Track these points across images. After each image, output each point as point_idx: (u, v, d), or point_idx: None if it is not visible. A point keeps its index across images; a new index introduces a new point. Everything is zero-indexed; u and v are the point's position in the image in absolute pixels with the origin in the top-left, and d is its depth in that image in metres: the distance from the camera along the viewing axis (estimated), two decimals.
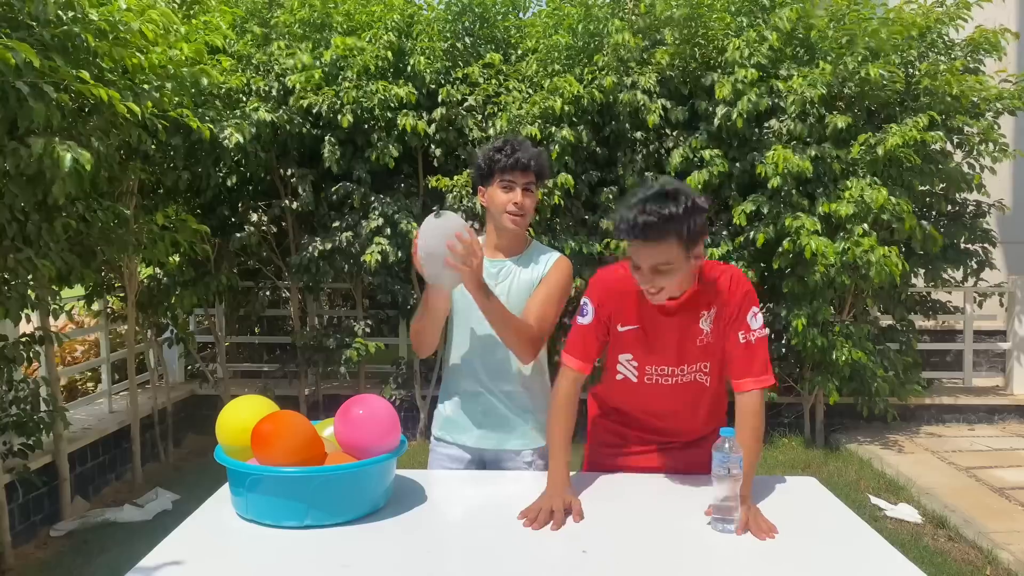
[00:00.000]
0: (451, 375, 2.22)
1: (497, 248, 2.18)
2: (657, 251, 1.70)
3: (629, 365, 1.95)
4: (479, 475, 2.12)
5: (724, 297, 1.85)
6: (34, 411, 3.71)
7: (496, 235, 2.17)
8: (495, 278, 2.14)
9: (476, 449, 2.17)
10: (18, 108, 2.78)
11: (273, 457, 1.63)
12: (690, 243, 1.72)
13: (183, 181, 4.61)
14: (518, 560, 1.53)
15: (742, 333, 1.86)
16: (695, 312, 1.86)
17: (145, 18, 3.39)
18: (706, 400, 1.99)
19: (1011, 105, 5.07)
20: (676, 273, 1.74)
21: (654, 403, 1.99)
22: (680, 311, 1.86)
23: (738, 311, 1.86)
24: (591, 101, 4.93)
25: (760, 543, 1.60)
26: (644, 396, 1.98)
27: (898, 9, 5.22)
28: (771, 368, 1.90)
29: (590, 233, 5.14)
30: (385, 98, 4.84)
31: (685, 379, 1.93)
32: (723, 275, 1.88)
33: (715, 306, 1.86)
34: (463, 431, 2.18)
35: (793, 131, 4.88)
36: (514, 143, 2.13)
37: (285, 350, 6.16)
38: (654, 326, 1.88)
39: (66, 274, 3.70)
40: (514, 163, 2.08)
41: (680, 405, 1.99)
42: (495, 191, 2.11)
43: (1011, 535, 3.65)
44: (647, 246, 1.70)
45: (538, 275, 2.16)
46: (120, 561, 3.06)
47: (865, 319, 5.31)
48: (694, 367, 1.92)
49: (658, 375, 1.93)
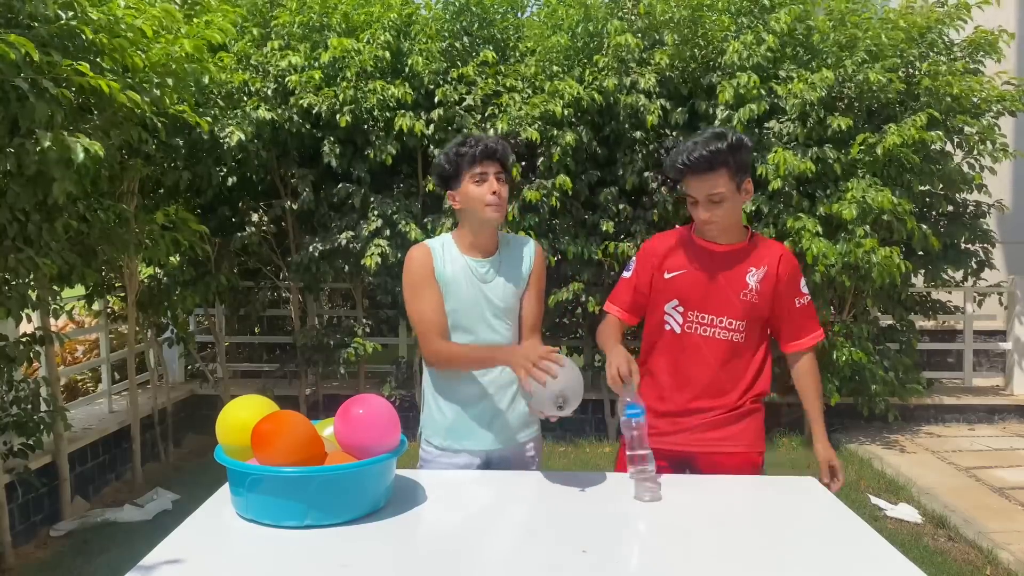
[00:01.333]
0: (446, 380, 2.16)
1: (474, 247, 2.14)
2: (710, 181, 1.94)
3: (675, 312, 2.10)
4: (479, 475, 2.12)
5: (777, 266, 2.05)
6: (34, 411, 3.71)
7: (473, 235, 2.13)
8: (479, 278, 2.12)
9: (484, 451, 2.16)
10: (19, 107, 2.78)
11: (273, 457, 1.63)
12: (739, 175, 1.97)
13: (184, 181, 4.62)
14: (518, 560, 1.53)
15: (798, 299, 2.10)
16: (743, 264, 2.05)
17: (146, 15, 3.39)
18: (741, 368, 2.08)
19: (1011, 106, 5.07)
20: (727, 203, 1.97)
21: (693, 361, 2.08)
22: (728, 257, 2.05)
23: (792, 280, 2.07)
24: (591, 102, 4.93)
25: (760, 543, 1.60)
26: (684, 351, 2.08)
27: (898, 10, 5.22)
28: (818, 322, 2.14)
29: (589, 233, 5.14)
30: (383, 98, 4.84)
31: (721, 335, 2.07)
32: (774, 245, 2.11)
33: (765, 266, 2.05)
34: (470, 435, 2.13)
35: (793, 132, 4.88)
36: (473, 136, 2.11)
37: (285, 350, 6.16)
38: (703, 268, 2.06)
39: (67, 274, 3.70)
40: (483, 151, 2.05)
41: (716, 365, 2.07)
42: (468, 187, 2.06)
43: (1011, 535, 3.65)
44: (701, 178, 1.94)
45: (526, 269, 2.18)
46: (120, 561, 3.06)
47: (865, 319, 5.31)
48: (733, 324, 2.06)
49: (698, 323, 2.07)
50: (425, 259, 2.10)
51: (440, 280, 2.10)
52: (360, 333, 5.41)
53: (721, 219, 2.00)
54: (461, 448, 2.14)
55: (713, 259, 2.05)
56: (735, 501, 1.87)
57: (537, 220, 5.00)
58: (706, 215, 1.99)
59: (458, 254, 2.13)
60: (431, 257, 2.10)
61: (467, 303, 2.10)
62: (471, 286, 2.11)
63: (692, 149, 1.95)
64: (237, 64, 4.91)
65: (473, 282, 2.11)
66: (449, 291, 2.10)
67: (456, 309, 2.11)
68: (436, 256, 2.11)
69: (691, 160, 1.94)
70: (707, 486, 2.00)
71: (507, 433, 2.16)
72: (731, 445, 2.10)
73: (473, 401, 2.13)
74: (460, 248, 2.14)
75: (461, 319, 2.11)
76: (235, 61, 4.87)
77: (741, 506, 1.83)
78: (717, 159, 1.93)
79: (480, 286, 2.11)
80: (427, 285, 2.10)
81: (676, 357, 2.11)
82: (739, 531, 1.66)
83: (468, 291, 2.10)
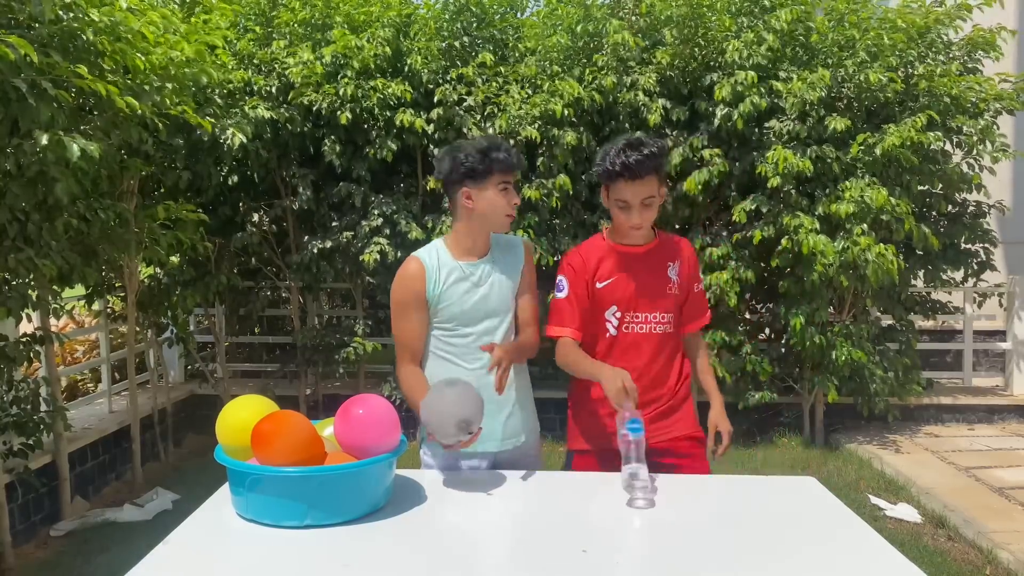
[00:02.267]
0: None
1: (469, 251, 2.14)
2: (644, 186, 2.05)
3: (613, 318, 2.19)
4: (479, 475, 2.12)
5: (684, 256, 2.22)
6: (34, 411, 3.71)
7: (473, 238, 2.13)
8: (476, 282, 2.12)
9: (492, 453, 2.17)
10: (19, 108, 2.78)
11: (273, 457, 1.64)
12: (662, 179, 2.12)
13: (184, 180, 4.62)
14: (518, 560, 1.53)
15: (696, 284, 2.28)
16: (662, 261, 2.18)
17: (146, 20, 3.40)
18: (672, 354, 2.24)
19: (1010, 105, 5.07)
20: (655, 206, 2.10)
21: (632, 357, 2.16)
22: (648, 256, 2.17)
23: (695, 267, 2.26)
24: (591, 102, 4.93)
25: (760, 543, 1.60)
26: (625, 352, 2.17)
27: (897, 10, 5.22)
28: None
29: (589, 233, 5.13)
30: (383, 96, 4.85)
31: (657, 329, 2.19)
32: (678, 238, 2.27)
33: (679, 259, 2.21)
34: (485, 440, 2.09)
35: (793, 131, 4.88)
36: (502, 143, 2.10)
37: (285, 350, 6.16)
38: (630, 274, 2.16)
39: (67, 274, 3.70)
40: (516, 162, 2.08)
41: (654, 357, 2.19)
42: (493, 193, 2.06)
43: (1011, 535, 3.65)
44: (635, 183, 2.04)
45: (518, 266, 2.21)
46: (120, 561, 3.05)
47: (865, 319, 5.31)
48: (665, 317, 2.20)
49: (633, 322, 2.18)
50: (415, 282, 2.09)
51: (432, 299, 2.11)
52: (360, 333, 5.41)
53: (648, 222, 2.12)
54: (472, 451, 2.11)
55: (636, 261, 2.17)
56: (735, 501, 1.87)
57: (537, 220, 5.00)
58: (638, 220, 2.08)
59: (451, 261, 2.13)
60: (423, 279, 2.09)
61: (463, 309, 2.11)
62: (467, 292, 2.12)
63: (627, 154, 2.01)
64: (239, 63, 4.91)
65: (468, 287, 2.12)
66: (446, 303, 2.11)
67: (455, 315, 2.12)
68: (430, 273, 2.10)
69: (632, 164, 2.01)
70: (707, 486, 2.01)
71: (512, 435, 2.18)
72: (681, 428, 2.24)
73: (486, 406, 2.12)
74: (454, 253, 2.14)
75: (460, 322, 2.13)
76: (236, 61, 4.87)
77: (741, 506, 1.83)
78: (652, 164, 2.02)
79: (475, 290, 2.13)
80: (412, 308, 2.11)
81: (616, 359, 2.15)
82: (739, 531, 1.67)
83: (464, 297, 2.11)
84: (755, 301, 5.77)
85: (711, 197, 5.18)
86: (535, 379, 2.33)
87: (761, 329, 5.71)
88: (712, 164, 4.87)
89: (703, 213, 5.28)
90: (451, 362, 2.14)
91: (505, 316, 2.16)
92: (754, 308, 5.83)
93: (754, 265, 5.07)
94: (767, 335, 5.73)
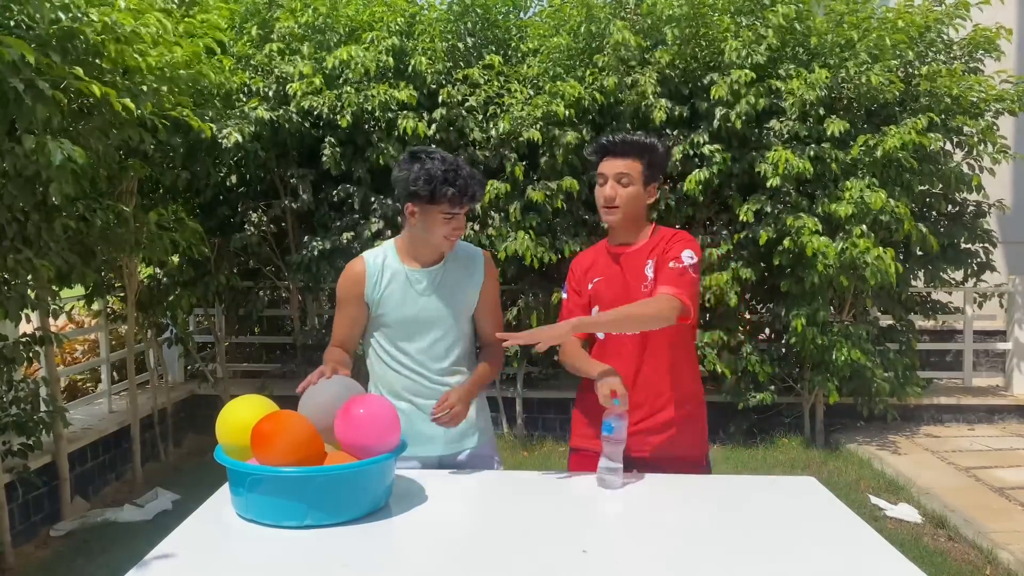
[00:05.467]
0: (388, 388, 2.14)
1: (416, 258, 2.10)
2: (621, 163, 2.08)
3: None
4: (479, 475, 2.12)
5: (664, 244, 2.12)
6: (34, 411, 3.71)
7: (415, 247, 2.09)
8: (420, 291, 2.08)
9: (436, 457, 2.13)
10: (17, 109, 2.78)
11: (273, 457, 1.63)
12: (649, 170, 2.10)
13: (182, 181, 4.62)
14: (518, 560, 1.53)
15: (673, 262, 2.06)
16: (643, 259, 2.13)
17: (142, 22, 3.39)
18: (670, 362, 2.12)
19: (1010, 107, 5.07)
20: (633, 189, 2.08)
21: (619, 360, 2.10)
22: (633, 256, 2.13)
23: (671, 247, 2.09)
24: (592, 102, 4.93)
25: (760, 542, 1.60)
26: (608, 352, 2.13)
27: (897, 9, 5.22)
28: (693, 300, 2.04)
29: (590, 233, 5.14)
30: (385, 100, 4.85)
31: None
32: (667, 233, 2.16)
33: (657, 254, 2.11)
34: (415, 442, 2.04)
35: (792, 130, 4.88)
36: (460, 170, 1.98)
37: (285, 350, 6.16)
38: (611, 272, 2.15)
39: (66, 274, 3.70)
40: (469, 197, 1.99)
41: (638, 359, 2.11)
42: (435, 217, 2.00)
43: (1011, 535, 3.64)
44: (613, 159, 2.09)
45: (474, 283, 2.15)
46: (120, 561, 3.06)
47: (865, 319, 5.31)
48: None
49: None
50: (355, 281, 2.10)
51: (371, 301, 2.10)
52: None
53: (624, 204, 2.09)
54: (416, 453, 2.08)
55: (621, 260, 2.15)
56: (735, 501, 1.87)
57: (538, 220, 5.00)
58: (611, 192, 2.09)
59: (398, 264, 2.10)
60: (363, 280, 2.09)
61: (404, 315, 2.08)
62: (409, 299, 2.08)
63: (615, 134, 2.13)
64: (236, 64, 4.91)
65: (411, 294, 2.08)
66: (384, 308, 2.09)
67: (390, 323, 2.10)
68: (371, 274, 2.09)
69: (613, 139, 2.10)
70: (707, 486, 2.00)
71: (457, 439, 2.14)
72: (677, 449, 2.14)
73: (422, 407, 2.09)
74: (402, 257, 2.11)
75: (398, 331, 2.10)
76: (234, 62, 4.87)
77: (741, 506, 1.83)
78: (633, 146, 2.08)
79: (417, 298, 2.08)
80: (348, 304, 2.13)
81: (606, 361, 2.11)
82: (739, 531, 1.66)
83: (404, 305, 2.08)
84: (755, 301, 5.77)
85: (711, 197, 5.18)
86: (536, 379, 2.33)
87: (761, 329, 5.71)
88: (712, 161, 4.87)
89: (704, 213, 5.29)
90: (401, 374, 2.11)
91: (449, 331, 2.10)
92: (754, 308, 5.83)
93: (754, 265, 5.08)
94: (767, 335, 5.73)
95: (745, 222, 4.95)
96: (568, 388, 2.32)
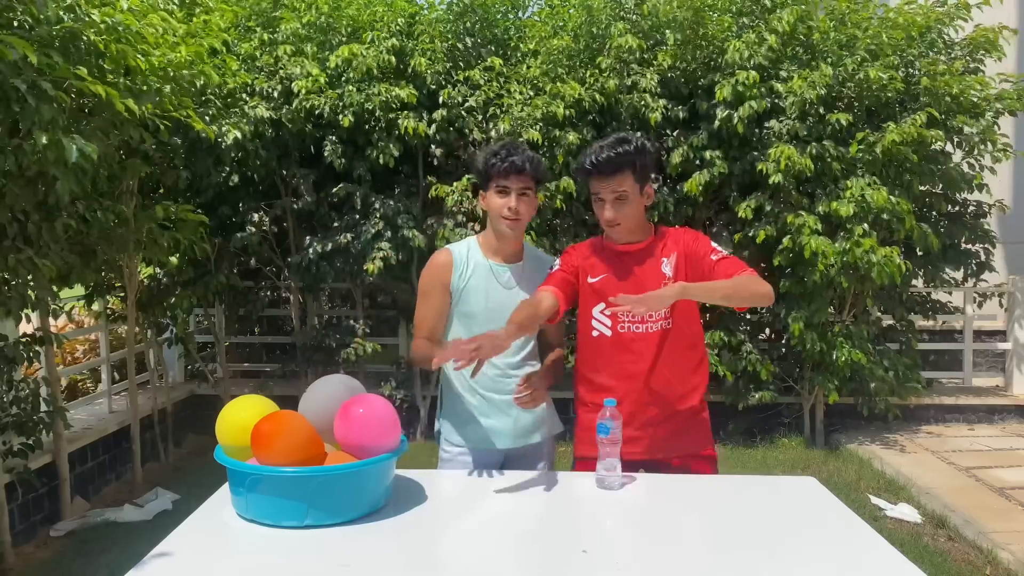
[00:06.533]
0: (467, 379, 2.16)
1: (497, 252, 2.20)
2: (616, 181, 2.03)
3: (603, 317, 2.11)
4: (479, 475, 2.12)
5: (681, 243, 2.11)
6: (34, 411, 3.71)
7: (496, 240, 2.18)
8: (502, 284, 2.16)
9: (503, 450, 2.19)
10: (19, 109, 2.78)
11: (273, 457, 1.64)
12: (641, 177, 2.06)
13: (183, 180, 4.61)
14: (518, 560, 1.53)
15: (712, 255, 2.07)
16: (656, 257, 2.11)
17: (146, 22, 3.40)
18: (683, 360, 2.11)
19: (1010, 106, 5.07)
20: (631, 203, 2.05)
21: (634, 361, 2.08)
22: (641, 254, 2.11)
23: (697, 245, 2.10)
24: (592, 103, 4.93)
25: (760, 543, 1.60)
26: (622, 353, 2.09)
27: (897, 9, 5.22)
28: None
29: (590, 233, 5.14)
30: (387, 99, 4.85)
31: (653, 328, 2.09)
32: (676, 230, 2.18)
33: (675, 252, 2.10)
34: (490, 434, 2.16)
35: (792, 130, 4.88)
36: (510, 147, 2.12)
37: (285, 350, 6.16)
38: (622, 271, 2.11)
39: (66, 274, 3.70)
40: (509, 167, 2.09)
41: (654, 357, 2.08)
42: (492, 196, 2.13)
43: (1011, 535, 3.64)
44: (607, 179, 2.03)
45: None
46: (120, 561, 3.06)
47: (865, 319, 5.31)
48: (661, 312, 2.08)
49: (630, 322, 2.09)
50: (443, 270, 2.17)
51: (455, 290, 2.16)
52: (360, 333, 5.40)
53: (625, 219, 2.07)
54: (482, 446, 2.17)
55: (628, 259, 2.13)
56: (735, 501, 1.87)
57: (538, 220, 5.00)
58: (611, 214, 2.06)
59: (481, 258, 2.18)
60: (450, 268, 2.16)
61: (486, 309, 2.13)
62: (492, 291, 2.15)
63: (599, 151, 2.03)
64: (240, 65, 4.91)
65: (494, 287, 2.15)
66: (468, 298, 2.15)
67: (474, 314, 2.13)
68: (457, 265, 2.16)
69: (598, 161, 2.02)
70: (707, 486, 2.00)
71: (523, 434, 2.19)
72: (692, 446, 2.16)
73: (492, 400, 2.16)
74: (484, 252, 2.19)
75: (477, 323, 2.12)
76: (239, 63, 4.87)
77: (741, 506, 1.83)
78: (623, 161, 2.02)
79: (501, 291, 2.15)
80: (435, 292, 2.17)
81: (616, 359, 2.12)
82: (739, 531, 1.66)
83: (488, 297, 2.14)
84: None
85: (712, 197, 5.18)
86: None
87: (761, 329, 5.71)
88: (712, 165, 4.88)
89: (704, 213, 5.28)
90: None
91: None
92: (754, 308, 5.82)
93: (755, 265, 5.07)
94: (768, 335, 5.73)
95: (745, 220, 4.95)
96: (567, 387, 2.31)
